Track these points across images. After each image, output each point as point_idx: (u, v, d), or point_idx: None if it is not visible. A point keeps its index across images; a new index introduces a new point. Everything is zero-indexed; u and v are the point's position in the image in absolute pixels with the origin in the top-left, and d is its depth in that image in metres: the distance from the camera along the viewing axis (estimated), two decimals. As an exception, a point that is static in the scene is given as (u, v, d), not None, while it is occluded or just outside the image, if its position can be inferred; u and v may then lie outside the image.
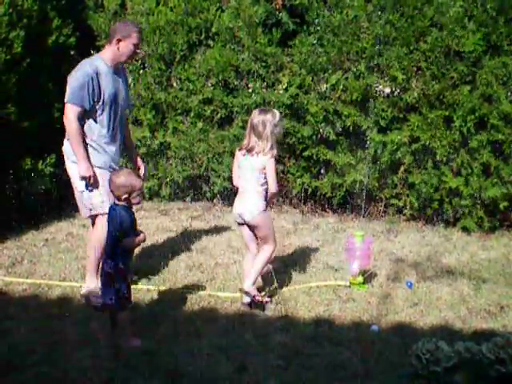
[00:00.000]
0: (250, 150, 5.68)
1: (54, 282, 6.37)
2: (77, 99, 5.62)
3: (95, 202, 5.83)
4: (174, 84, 9.08)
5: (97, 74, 5.64)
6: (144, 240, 5.17)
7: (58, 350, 5.01)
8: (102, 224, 5.80)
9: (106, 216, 5.37)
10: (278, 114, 5.73)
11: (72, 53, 8.93)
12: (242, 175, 5.78)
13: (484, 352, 3.37)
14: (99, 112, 5.73)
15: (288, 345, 5.17)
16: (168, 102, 8.95)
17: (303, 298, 6.07)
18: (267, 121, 5.61)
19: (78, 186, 5.86)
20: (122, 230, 5.03)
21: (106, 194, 5.72)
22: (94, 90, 5.63)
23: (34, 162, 7.79)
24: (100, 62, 5.75)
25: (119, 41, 5.73)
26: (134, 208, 5.19)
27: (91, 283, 5.98)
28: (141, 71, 9.16)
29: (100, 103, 5.70)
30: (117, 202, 5.09)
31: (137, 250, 5.56)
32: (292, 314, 5.76)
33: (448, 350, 3.43)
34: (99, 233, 5.88)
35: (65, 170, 6.00)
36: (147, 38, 8.89)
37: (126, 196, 5.02)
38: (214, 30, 8.78)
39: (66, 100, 5.66)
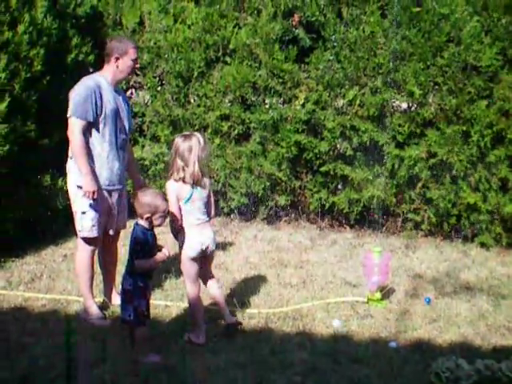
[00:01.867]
0: (198, 181, 5.36)
1: (72, 297, 6.41)
2: (80, 112, 5.61)
3: (85, 224, 5.80)
4: (192, 100, 9.11)
5: (98, 87, 5.69)
6: (165, 258, 5.20)
7: (75, 366, 5.02)
8: (84, 248, 5.91)
9: (86, 240, 5.75)
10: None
11: (91, 70, 9.00)
12: (195, 208, 5.38)
13: (503, 370, 3.36)
14: (102, 125, 5.71)
15: (306, 361, 5.17)
16: (185, 118, 8.97)
17: (321, 314, 6.06)
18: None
19: (74, 206, 5.86)
20: (137, 249, 5.07)
21: (97, 218, 5.79)
22: (96, 102, 5.64)
23: (53, 178, 7.84)
24: (101, 78, 5.80)
25: (117, 59, 5.75)
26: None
27: (90, 308, 6.01)
28: (158, 88, 9.20)
29: (102, 116, 5.70)
30: (139, 221, 5.13)
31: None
32: (310, 330, 5.76)
33: (468, 368, 3.42)
34: (79, 256, 5.98)
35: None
36: (165, 55, 8.93)
37: (147, 216, 5.06)
38: (231, 46, 8.79)
39: (69, 114, 5.68)
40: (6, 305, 6.26)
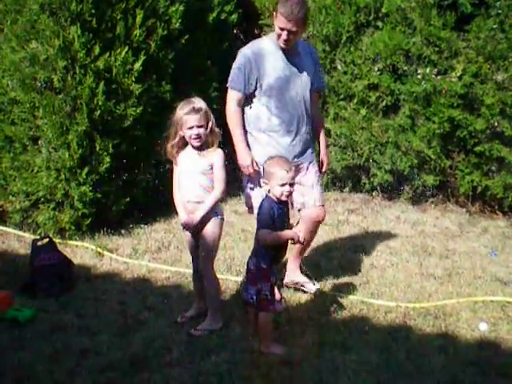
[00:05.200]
0: None
1: (198, 272, 6.08)
2: (235, 83, 5.25)
3: (254, 203, 5.34)
4: (338, 67, 8.58)
5: (258, 55, 5.17)
6: (293, 238, 4.71)
7: (193, 351, 4.72)
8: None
9: None
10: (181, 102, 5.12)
11: (234, 31, 8.64)
12: None
13: None
14: (265, 98, 5.23)
15: (446, 369, 4.59)
16: (330, 85, 8.47)
17: (466, 314, 5.43)
18: None
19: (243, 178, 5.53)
20: (259, 221, 4.69)
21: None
22: (252, 73, 5.17)
23: (187, 143, 7.57)
24: (268, 42, 5.24)
25: (274, 19, 5.18)
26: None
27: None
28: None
29: (264, 88, 5.20)
30: (268, 193, 4.71)
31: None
32: (453, 332, 5.15)
33: None
34: None
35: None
36: (312, 17, 8.41)
37: (274, 185, 4.63)
38: (383, 10, 8.16)
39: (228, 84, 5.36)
40: (129, 275, 6.07)
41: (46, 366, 4.46)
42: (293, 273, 5.78)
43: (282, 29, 5.06)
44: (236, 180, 6.17)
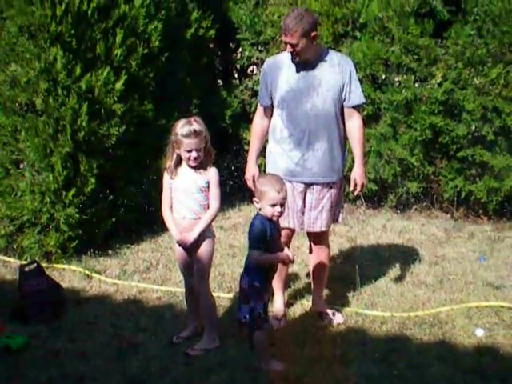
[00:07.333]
0: None
1: (188, 290, 6.02)
2: (258, 96, 5.46)
3: None
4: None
5: (273, 67, 5.21)
6: (284, 261, 4.71)
7: (192, 372, 4.67)
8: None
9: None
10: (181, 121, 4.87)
11: (211, 46, 8.60)
12: None
13: None
14: (279, 111, 5.21)
15: (447, 379, 4.60)
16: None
17: (462, 321, 5.44)
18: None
19: None
20: (251, 239, 4.62)
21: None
22: (267, 86, 5.23)
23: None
24: (288, 54, 5.13)
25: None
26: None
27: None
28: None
29: (277, 100, 5.18)
30: (260, 211, 4.64)
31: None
32: (450, 339, 5.16)
33: None
34: None
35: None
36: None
37: (264, 205, 4.58)
38: (361, 20, 8.13)
39: None
40: (120, 296, 5.98)
41: (43, 394, 4.39)
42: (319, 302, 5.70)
43: (284, 42, 5.08)
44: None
